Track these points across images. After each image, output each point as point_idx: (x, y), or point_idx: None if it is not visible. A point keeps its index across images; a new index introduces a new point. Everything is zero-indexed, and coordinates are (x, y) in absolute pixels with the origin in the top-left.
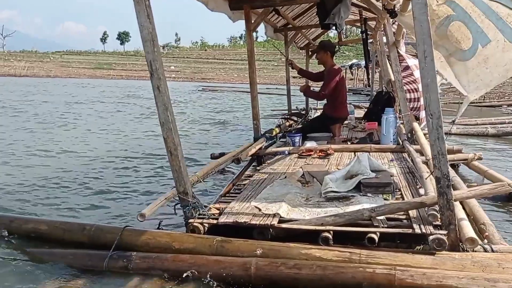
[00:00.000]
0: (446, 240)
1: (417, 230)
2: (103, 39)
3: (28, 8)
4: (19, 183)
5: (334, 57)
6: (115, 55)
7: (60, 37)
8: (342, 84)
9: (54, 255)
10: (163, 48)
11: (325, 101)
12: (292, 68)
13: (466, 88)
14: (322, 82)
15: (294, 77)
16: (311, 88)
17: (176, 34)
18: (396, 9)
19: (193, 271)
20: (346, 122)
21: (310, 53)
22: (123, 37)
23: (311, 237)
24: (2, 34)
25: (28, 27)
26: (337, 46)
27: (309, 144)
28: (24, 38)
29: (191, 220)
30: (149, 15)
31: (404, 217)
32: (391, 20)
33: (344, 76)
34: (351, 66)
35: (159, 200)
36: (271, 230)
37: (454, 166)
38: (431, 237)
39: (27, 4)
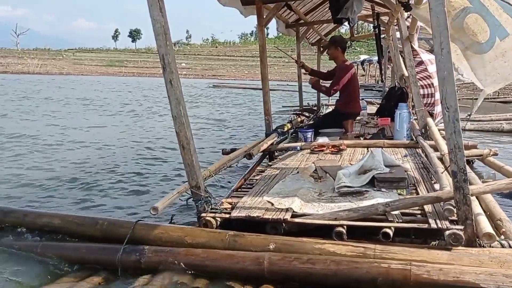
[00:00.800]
0: (462, 235)
1: (433, 225)
2: (115, 37)
3: (41, 6)
4: (32, 177)
5: (346, 53)
6: (127, 53)
7: (72, 34)
8: (354, 80)
9: (67, 249)
10: (174, 45)
11: (337, 97)
12: (306, 71)
13: (482, 81)
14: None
15: (305, 73)
16: (321, 82)
17: (187, 31)
18: (410, 2)
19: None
20: (358, 118)
21: (321, 49)
22: (134, 34)
23: (324, 232)
24: (16, 32)
25: (41, 25)
26: (348, 42)
27: (321, 140)
28: (37, 36)
29: (203, 214)
30: (162, 9)
31: (419, 212)
32: (405, 14)
33: (356, 72)
34: (362, 62)
35: (172, 194)
36: (284, 225)
37: (469, 162)
38: (447, 232)
39: (40, 2)
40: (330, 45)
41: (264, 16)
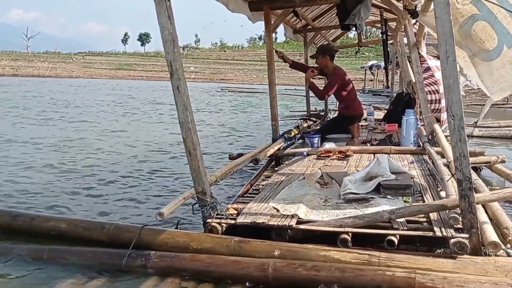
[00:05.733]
0: (467, 244)
1: (438, 233)
2: (124, 40)
3: (53, 8)
4: (40, 181)
5: (354, 58)
6: (136, 56)
7: (84, 37)
8: (348, 84)
9: (73, 253)
10: (183, 49)
11: (338, 102)
12: (285, 62)
13: (489, 89)
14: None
15: (286, 64)
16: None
17: (196, 35)
18: (417, 9)
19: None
20: (365, 123)
21: None
22: (143, 38)
23: (329, 238)
24: (27, 36)
25: (52, 27)
26: (356, 47)
27: (328, 145)
28: (48, 38)
29: (209, 220)
30: (170, 16)
31: (424, 220)
32: (412, 20)
33: (348, 75)
34: (371, 67)
35: (178, 199)
36: (289, 231)
37: (476, 169)
38: (452, 241)
39: (52, 4)
40: (318, 54)
41: (272, 22)
